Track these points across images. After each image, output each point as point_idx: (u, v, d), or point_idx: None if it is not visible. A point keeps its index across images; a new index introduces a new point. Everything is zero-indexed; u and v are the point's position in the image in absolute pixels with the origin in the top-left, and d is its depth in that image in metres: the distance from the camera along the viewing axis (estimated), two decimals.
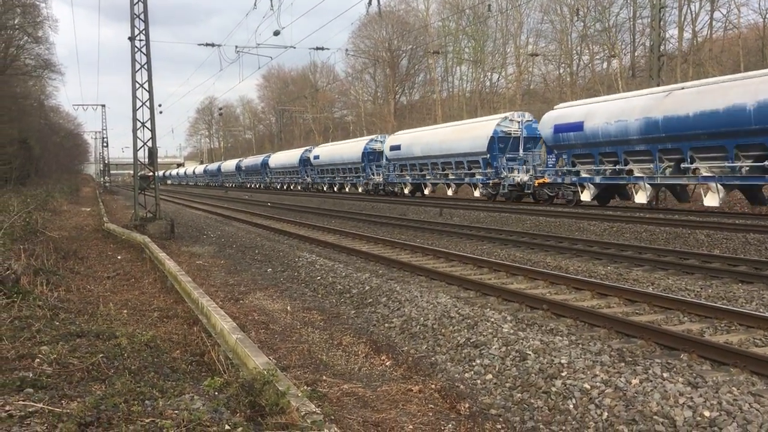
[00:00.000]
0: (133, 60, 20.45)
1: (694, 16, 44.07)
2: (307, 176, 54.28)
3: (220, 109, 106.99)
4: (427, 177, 34.93)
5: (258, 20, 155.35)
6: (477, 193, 31.66)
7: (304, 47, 62.69)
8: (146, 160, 21.41)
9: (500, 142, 28.86)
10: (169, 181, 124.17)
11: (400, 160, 37.66)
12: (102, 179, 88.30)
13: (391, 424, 5.20)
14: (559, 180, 25.08)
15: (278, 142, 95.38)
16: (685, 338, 6.68)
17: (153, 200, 21.18)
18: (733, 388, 5.26)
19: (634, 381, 5.48)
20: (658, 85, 24.74)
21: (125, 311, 8.60)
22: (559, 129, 24.59)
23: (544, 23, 55.49)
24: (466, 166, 31.27)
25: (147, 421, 4.09)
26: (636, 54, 48.55)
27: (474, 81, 63.10)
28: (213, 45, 34.00)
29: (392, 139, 39.45)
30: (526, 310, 8.60)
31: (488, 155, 29.21)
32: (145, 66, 20.61)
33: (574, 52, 53.77)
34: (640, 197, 21.44)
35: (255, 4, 28.18)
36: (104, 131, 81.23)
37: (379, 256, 13.65)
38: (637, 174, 21.59)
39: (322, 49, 37.06)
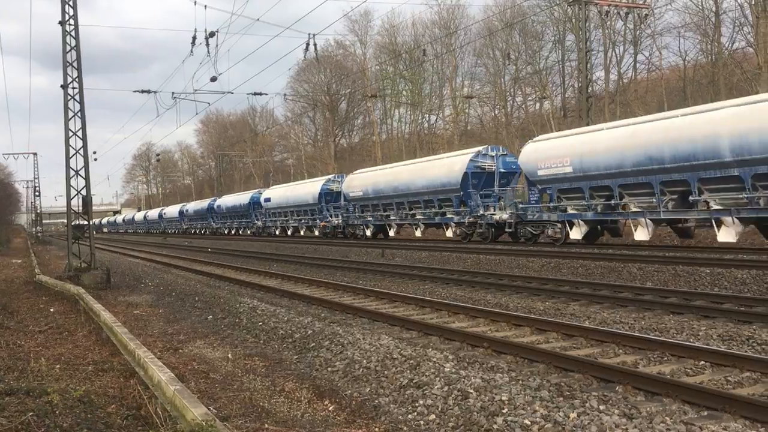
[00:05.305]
0: (66, 108, 20.07)
1: (618, 58, 46.24)
2: (213, 222, 63.98)
3: (158, 155, 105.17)
4: (290, 222, 46.04)
5: (195, 66, 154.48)
6: (302, 232, 44.07)
7: (242, 92, 62.69)
8: (80, 208, 20.87)
9: (326, 196, 40.44)
10: (105, 229, 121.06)
11: (272, 209, 48.11)
12: (34, 229, 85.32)
13: None
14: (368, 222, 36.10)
15: (218, 188, 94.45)
16: (620, 370, 6.86)
17: (88, 249, 20.59)
18: (666, 417, 5.42)
19: (572, 415, 5.59)
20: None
21: (58, 366, 8.29)
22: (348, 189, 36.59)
23: (478, 66, 57.24)
24: (309, 212, 42.62)
25: None
26: (566, 95, 50.47)
27: (412, 123, 64.25)
28: (149, 92, 33.56)
29: (266, 193, 50.60)
30: (468, 349, 8.68)
31: (319, 205, 40.86)
32: (79, 114, 20.25)
33: (508, 93, 55.51)
34: (418, 233, 31.58)
35: (192, 51, 28.11)
36: (36, 180, 78.67)
37: (321, 299, 13.59)
38: (417, 216, 31.52)
39: (261, 94, 37.13)
